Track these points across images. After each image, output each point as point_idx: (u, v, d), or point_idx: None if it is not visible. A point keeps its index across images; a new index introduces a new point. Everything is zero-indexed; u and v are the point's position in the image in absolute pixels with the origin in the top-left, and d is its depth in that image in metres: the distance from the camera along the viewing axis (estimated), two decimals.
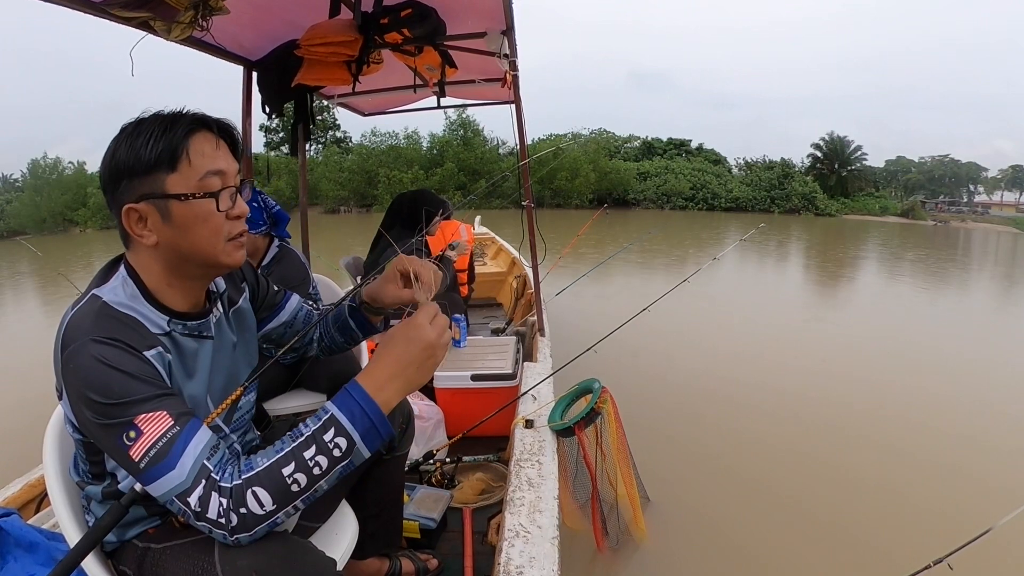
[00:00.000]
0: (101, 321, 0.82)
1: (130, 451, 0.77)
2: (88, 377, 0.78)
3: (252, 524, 0.78)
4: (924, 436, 3.51)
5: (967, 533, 1.29)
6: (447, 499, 1.91)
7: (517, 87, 2.74)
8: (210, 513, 0.77)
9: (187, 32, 1.63)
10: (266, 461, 0.79)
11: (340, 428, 0.81)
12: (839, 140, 40.87)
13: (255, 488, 0.78)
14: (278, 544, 0.89)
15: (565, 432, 1.99)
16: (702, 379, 4.49)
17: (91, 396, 0.78)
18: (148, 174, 0.84)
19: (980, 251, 18.39)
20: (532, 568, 1.23)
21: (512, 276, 5.02)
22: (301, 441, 0.80)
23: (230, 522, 0.77)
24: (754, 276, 10.50)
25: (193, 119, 0.86)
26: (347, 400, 0.83)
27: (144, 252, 0.89)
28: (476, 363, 2.53)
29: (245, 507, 0.77)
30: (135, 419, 0.77)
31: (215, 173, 0.87)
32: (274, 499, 0.78)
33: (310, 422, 0.82)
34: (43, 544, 1.17)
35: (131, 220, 0.86)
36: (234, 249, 0.92)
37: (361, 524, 1.32)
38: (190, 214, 0.86)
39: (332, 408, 0.82)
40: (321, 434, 0.80)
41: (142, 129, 0.84)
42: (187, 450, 0.77)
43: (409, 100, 3.71)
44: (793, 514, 2.65)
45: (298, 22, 2.24)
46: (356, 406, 0.82)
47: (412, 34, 2.21)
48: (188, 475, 0.77)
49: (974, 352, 5.57)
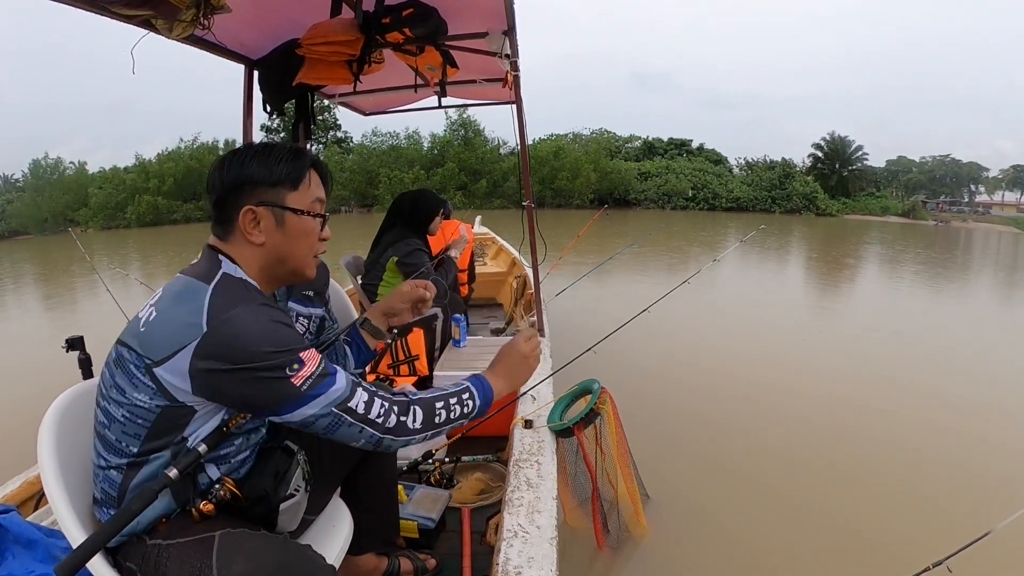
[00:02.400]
0: (252, 292, 1.01)
1: (292, 379, 0.92)
2: (256, 334, 0.92)
3: (402, 433, 1.00)
4: (925, 434, 3.51)
5: (968, 534, 1.29)
6: (446, 499, 1.91)
7: (518, 87, 2.74)
8: (372, 413, 0.97)
9: (188, 30, 1.63)
10: (424, 395, 1.05)
11: (472, 395, 1.10)
12: (840, 140, 40.94)
13: (416, 407, 1.02)
14: (275, 550, 0.90)
15: (564, 432, 1.99)
16: (702, 379, 4.48)
17: (258, 350, 0.91)
18: (273, 186, 1.03)
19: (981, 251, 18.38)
20: (530, 568, 1.23)
21: (512, 276, 5.02)
22: (447, 393, 1.08)
23: (387, 423, 0.98)
24: (755, 276, 10.50)
25: (313, 157, 1.10)
26: (478, 382, 1.13)
27: (248, 249, 1.05)
28: (476, 363, 2.53)
29: (407, 415, 1.01)
30: (300, 354, 0.94)
31: (320, 201, 1.09)
32: (424, 420, 1.03)
33: (453, 387, 1.10)
34: (42, 541, 1.17)
35: (247, 220, 1.03)
36: (315, 265, 1.12)
37: (356, 518, 1.33)
38: (300, 227, 1.06)
39: (469, 384, 1.12)
40: (462, 394, 1.09)
41: (274, 152, 1.05)
42: (339, 372, 0.98)
43: (410, 100, 3.71)
44: (794, 513, 2.65)
45: (299, 21, 2.24)
46: (482, 387, 1.13)
47: (413, 34, 2.20)
48: (348, 386, 0.97)
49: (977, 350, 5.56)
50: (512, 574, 1.22)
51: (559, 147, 34.10)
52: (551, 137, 36.12)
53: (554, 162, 32.22)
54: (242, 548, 0.92)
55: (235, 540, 0.94)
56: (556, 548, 1.32)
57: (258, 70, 2.58)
